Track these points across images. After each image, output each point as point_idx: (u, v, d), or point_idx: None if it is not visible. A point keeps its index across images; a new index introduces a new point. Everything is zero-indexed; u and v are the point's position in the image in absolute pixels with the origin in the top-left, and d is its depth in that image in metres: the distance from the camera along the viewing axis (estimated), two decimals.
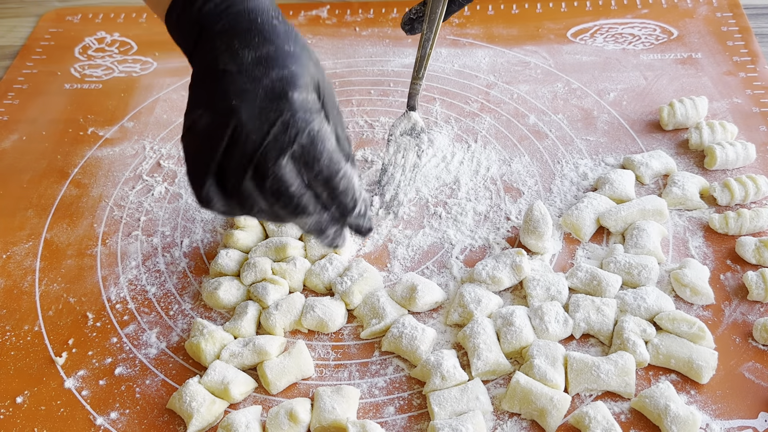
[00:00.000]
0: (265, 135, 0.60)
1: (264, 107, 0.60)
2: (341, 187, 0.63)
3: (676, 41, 1.00)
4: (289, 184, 0.60)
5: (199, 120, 0.62)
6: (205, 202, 0.61)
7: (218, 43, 0.64)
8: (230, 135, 0.60)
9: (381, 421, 0.64)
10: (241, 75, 0.61)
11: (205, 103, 0.62)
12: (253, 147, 0.60)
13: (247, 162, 0.60)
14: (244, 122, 0.60)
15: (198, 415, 0.63)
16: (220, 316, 0.73)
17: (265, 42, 0.63)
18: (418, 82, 0.82)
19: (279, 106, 0.60)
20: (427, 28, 0.80)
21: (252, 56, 0.62)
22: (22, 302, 0.76)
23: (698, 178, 0.80)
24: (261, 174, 0.60)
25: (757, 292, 0.69)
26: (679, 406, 0.61)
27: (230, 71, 0.62)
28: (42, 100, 0.99)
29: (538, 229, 0.73)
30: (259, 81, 0.61)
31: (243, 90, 0.61)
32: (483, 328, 0.67)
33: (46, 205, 0.85)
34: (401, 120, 0.83)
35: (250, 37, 0.63)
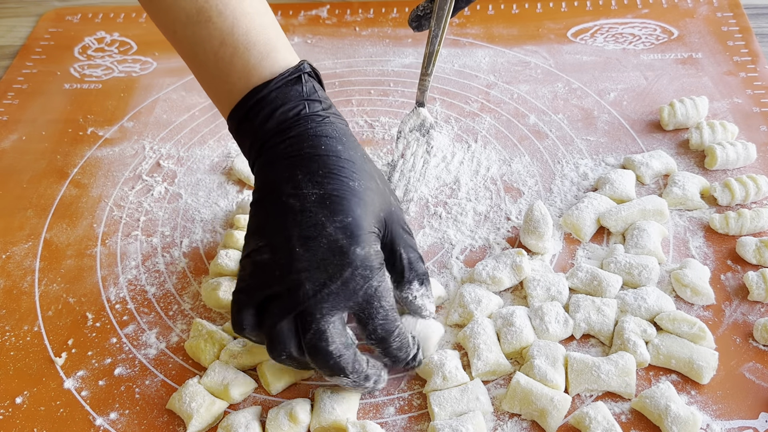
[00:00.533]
0: (320, 289, 0.58)
1: (325, 259, 0.59)
2: (395, 345, 0.62)
3: (677, 41, 1.00)
4: (330, 341, 0.59)
5: (260, 251, 0.61)
6: (238, 328, 0.61)
7: (279, 168, 0.62)
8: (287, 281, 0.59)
9: (381, 422, 0.64)
10: (304, 216, 0.60)
11: (268, 235, 0.61)
12: (305, 297, 0.58)
13: (292, 309, 0.59)
14: (300, 271, 0.59)
15: (198, 415, 0.63)
16: (219, 316, 0.73)
17: (329, 177, 0.61)
18: (427, 78, 0.82)
19: (340, 261, 0.59)
20: (435, 24, 0.80)
21: (316, 194, 0.60)
22: (21, 302, 0.75)
23: (699, 178, 0.79)
24: (304, 324, 0.59)
25: (757, 292, 0.69)
26: (680, 407, 0.60)
27: (293, 208, 0.60)
28: (41, 100, 0.99)
29: (539, 229, 0.73)
30: (322, 228, 0.59)
31: (306, 237, 0.59)
32: (483, 329, 0.67)
33: (46, 205, 0.85)
34: (410, 116, 0.83)
35: (314, 168, 0.61)
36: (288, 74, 0.64)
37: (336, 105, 0.94)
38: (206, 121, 0.94)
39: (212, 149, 0.91)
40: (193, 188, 0.86)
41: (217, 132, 0.93)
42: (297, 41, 1.05)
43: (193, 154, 0.90)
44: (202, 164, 0.89)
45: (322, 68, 1.00)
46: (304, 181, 0.61)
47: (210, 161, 0.89)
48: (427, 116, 0.83)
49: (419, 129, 0.83)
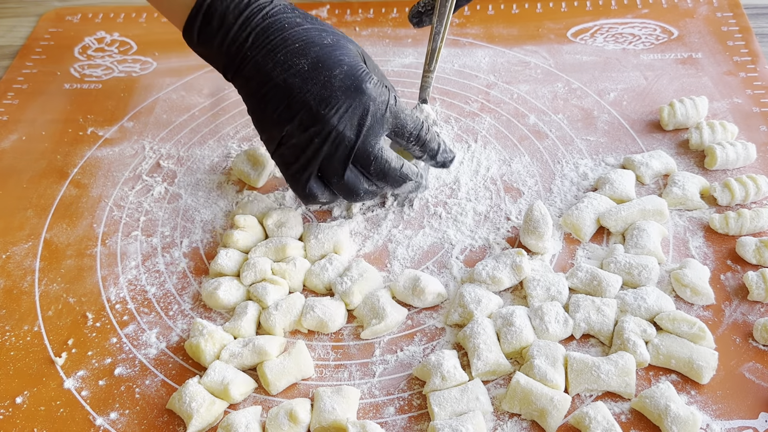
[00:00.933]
0: (359, 130, 0.69)
1: (349, 106, 0.68)
2: (428, 137, 0.74)
3: (677, 41, 1.00)
4: (389, 160, 0.71)
5: (290, 135, 0.69)
6: (311, 198, 0.71)
7: (260, 60, 0.70)
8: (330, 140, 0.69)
9: (381, 422, 0.64)
10: (309, 83, 0.69)
11: (288, 118, 0.69)
12: (351, 143, 0.69)
13: (348, 156, 0.69)
14: (337, 126, 0.68)
15: (198, 415, 0.63)
16: (219, 316, 0.73)
17: (306, 44, 0.70)
18: (430, 74, 0.82)
19: (360, 102, 0.69)
20: (437, 21, 0.81)
21: (307, 63, 0.69)
22: (21, 302, 0.75)
23: (698, 178, 0.79)
24: (364, 162, 0.70)
25: (757, 292, 0.69)
26: (680, 407, 0.61)
27: (295, 84, 0.69)
28: (41, 100, 0.99)
29: (538, 229, 0.73)
30: (330, 84, 0.68)
31: (322, 98, 0.68)
32: (483, 329, 0.67)
33: (46, 205, 0.85)
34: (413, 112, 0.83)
35: (289, 44, 0.70)
36: None
37: None
38: (206, 121, 0.94)
39: (212, 149, 0.91)
40: (193, 188, 0.86)
41: (217, 132, 0.93)
42: None
43: (193, 154, 0.90)
44: (202, 164, 0.89)
45: None
46: (289, 58, 0.69)
47: (210, 161, 0.89)
48: (430, 113, 0.83)
49: None
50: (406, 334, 0.70)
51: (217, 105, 0.96)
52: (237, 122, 0.94)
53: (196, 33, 0.71)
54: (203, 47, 0.73)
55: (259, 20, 0.70)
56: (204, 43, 0.72)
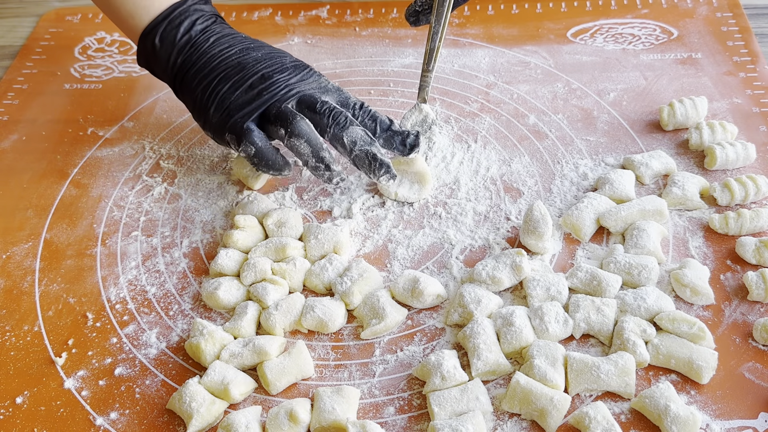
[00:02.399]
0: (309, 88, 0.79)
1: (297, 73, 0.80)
2: (375, 112, 0.79)
3: (676, 41, 1.00)
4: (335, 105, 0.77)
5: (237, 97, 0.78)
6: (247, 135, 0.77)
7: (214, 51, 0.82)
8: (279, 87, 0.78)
9: (381, 422, 0.64)
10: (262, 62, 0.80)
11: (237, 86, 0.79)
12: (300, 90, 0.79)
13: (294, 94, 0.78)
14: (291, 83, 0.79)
15: (198, 415, 0.63)
16: (219, 316, 0.73)
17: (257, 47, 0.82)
18: (429, 74, 0.83)
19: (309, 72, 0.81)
20: (435, 20, 0.81)
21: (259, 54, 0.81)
22: (21, 302, 0.75)
23: (698, 178, 0.80)
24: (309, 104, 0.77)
25: (757, 292, 0.69)
26: (680, 407, 0.61)
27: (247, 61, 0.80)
28: (42, 100, 0.99)
29: (538, 229, 0.73)
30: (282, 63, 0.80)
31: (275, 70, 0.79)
32: (483, 329, 0.67)
33: (46, 206, 0.85)
34: (412, 112, 0.83)
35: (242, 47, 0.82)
36: None
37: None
38: None
39: (212, 149, 0.91)
40: (193, 188, 0.86)
41: None
42: (297, 41, 1.06)
43: (193, 154, 0.90)
44: (201, 164, 0.89)
45: (322, 68, 1.00)
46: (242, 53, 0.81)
47: (210, 161, 0.89)
48: (429, 112, 0.83)
49: (421, 125, 0.84)
50: (406, 334, 0.70)
51: None
52: None
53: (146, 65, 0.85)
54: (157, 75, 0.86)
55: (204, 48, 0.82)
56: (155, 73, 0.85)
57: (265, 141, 0.78)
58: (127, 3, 0.81)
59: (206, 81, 0.79)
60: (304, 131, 0.76)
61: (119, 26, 0.85)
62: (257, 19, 1.10)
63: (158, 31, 0.81)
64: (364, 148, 0.76)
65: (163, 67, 0.83)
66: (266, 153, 0.77)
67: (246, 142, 0.77)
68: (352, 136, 0.76)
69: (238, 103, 0.78)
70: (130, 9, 0.81)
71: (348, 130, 0.76)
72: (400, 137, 0.78)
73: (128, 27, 0.83)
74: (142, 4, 0.81)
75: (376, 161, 0.75)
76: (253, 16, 1.10)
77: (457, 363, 0.65)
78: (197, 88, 0.80)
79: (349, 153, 0.76)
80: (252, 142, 0.77)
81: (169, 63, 0.82)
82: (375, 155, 0.75)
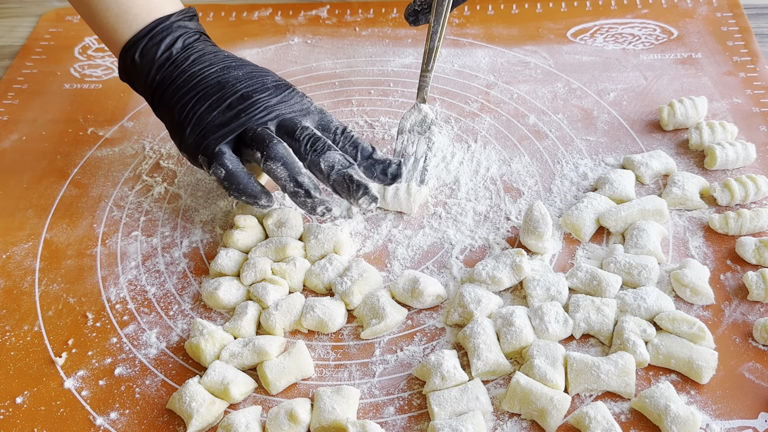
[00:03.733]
0: (289, 111, 0.76)
1: (278, 94, 0.77)
2: (357, 137, 0.77)
3: (676, 41, 1.00)
4: (314, 131, 0.75)
5: (215, 118, 0.76)
6: (218, 158, 0.74)
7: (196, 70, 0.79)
8: (259, 108, 0.76)
9: (381, 422, 0.64)
10: (243, 81, 0.78)
11: (216, 106, 0.77)
12: (281, 113, 0.76)
13: (273, 118, 0.76)
14: (272, 105, 0.76)
15: (198, 415, 0.63)
16: (219, 316, 0.73)
17: (241, 65, 0.80)
18: (428, 74, 0.82)
19: (291, 94, 0.78)
20: (435, 20, 0.80)
21: (241, 73, 0.79)
22: (21, 302, 0.75)
23: (698, 178, 0.80)
24: (289, 129, 0.75)
25: (757, 292, 0.69)
26: (679, 407, 0.61)
27: (228, 80, 0.78)
28: (42, 100, 0.99)
29: (538, 229, 0.73)
30: (264, 82, 0.78)
31: (256, 89, 0.77)
32: (483, 329, 0.67)
33: (46, 205, 0.85)
34: (411, 112, 0.83)
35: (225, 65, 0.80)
36: None
37: (336, 105, 0.95)
38: None
39: None
40: (192, 188, 0.86)
41: None
42: (297, 41, 1.06)
43: None
44: None
45: (322, 68, 1.01)
46: (224, 71, 0.79)
47: None
48: (429, 112, 0.83)
49: (420, 125, 0.83)
50: (406, 334, 0.70)
51: None
52: None
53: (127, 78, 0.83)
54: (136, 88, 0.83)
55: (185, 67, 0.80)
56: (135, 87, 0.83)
57: (237, 164, 0.74)
58: (110, 17, 0.80)
59: (184, 100, 0.77)
60: (281, 154, 0.72)
61: (102, 39, 0.83)
62: (257, 19, 1.10)
63: (139, 47, 0.79)
64: (341, 172, 0.72)
65: (142, 83, 0.80)
66: (237, 176, 0.73)
67: (216, 164, 0.73)
68: (329, 161, 0.73)
69: (214, 124, 0.75)
70: (112, 23, 0.80)
71: (325, 155, 0.73)
72: (381, 166, 0.75)
73: (110, 41, 0.82)
74: (124, 18, 0.79)
75: (353, 183, 0.71)
76: (253, 16, 1.10)
77: (457, 363, 0.65)
78: (175, 106, 0.77)
79: (327, 178, 0.73)
80: (222, 164, 0.73)
81: (148, 79, 0.79)
82: (352, 177, 0.72)
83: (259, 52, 1.04)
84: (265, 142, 0.73)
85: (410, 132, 0.83)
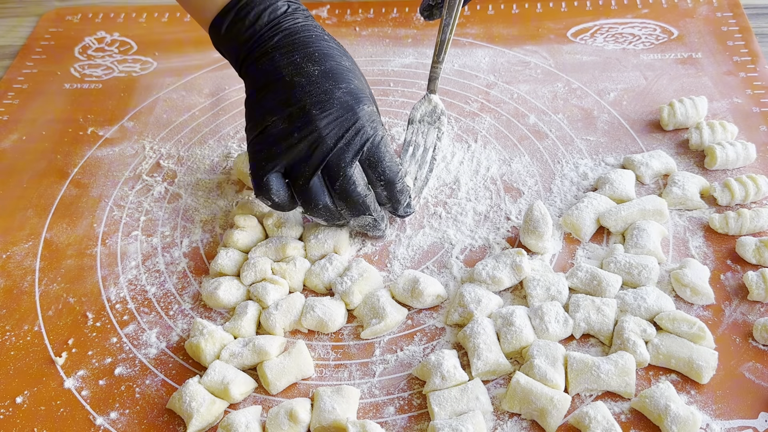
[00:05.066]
0: (339, 140, 0.69)
1: (339, 117, 0.70)
2: (399, 187, 0.74)
3: (676, 41, 1.00)
4: (357, 184, 0.70)
5: (274, 125, 0.70)
6: (264, 190, 0.69)
7: (277, 57, 0.73)
8: (309, 139, 0.69)
9: (381, 421, 0.64)
10: (313, 87, 0.71)
11: (280, 110, 0.71)
12: (328, 150, 0.69)
13: (320, 162, 0.69)
14: (321, 129, 0.69)
15: (198, 415, 0.63)
16: (220, 316, 0.73)
17: (325, 57, 0.73)
18: (438, 65, 0.83)
19: (352, 116, 0.70)
20: (447, 13, 0.81)
21: (318, 71, 0.71)
22: (21, 302, 0.75)
23: (698, 178, 0.80)
24: (332, 175, 0.69)
25: (757, 292, 0.69)
26: (680, 406, 0.61)
27: (300, 83, 0.71)
28: (42, 100, 0.99)
29: (538, 229, 0.73)
30: (332, 93, 0.70)
31: (319, 102, 0.70)
32: (483, 328, 0.67)
33: (46, 205, 0.85)
34: (422, 103, 0.84)
35: (310, 52, 0.73)
36: None
37: None
38: (206, 121, 0.94)
39: (212, 149, 0.91)
40: (193, 188, 0.86)
41: (217, 132, 0.93)
42: None
43: (193, 154, 0.90)
44: (202, 164, 0.89)
45: None
46: (303, 62, 0.72)
47: (210, 161, 0.89)
48: (438, 103, 0.83)
49: (430, 116, 0.84)
50: (406, 334, 0.70)
51: (217, 105, 0.96)
52: (237, 122, 0.94)
53: (226, 25, 0.75)
54: (227, 39, 0.76)
55: (290, 25, 0.74)
56: (230, 36, 0.75)
57: (283, 196, 0.71)
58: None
59: (252, 98, 0.73)
60: (321, 213, 0.72)
61: (193, 17, 0.80)
62: None
63: (224, 22, 0.75)
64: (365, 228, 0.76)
65: (233, 63, 0.78)
66: (282, 207, 0.72)
67: (262, 197, 0.71)
68: (359, 222, 0.75)
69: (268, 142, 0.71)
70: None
71: (358, 219, 0.74)
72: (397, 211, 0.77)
73: (199, 19, 0.79)
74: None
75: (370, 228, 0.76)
76: None
77: (457, 363, 0.65)
78: (247, 100, 0.74)
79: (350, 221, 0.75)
80: (268, 198, 0.71)
81: (236, 58, 0.76)
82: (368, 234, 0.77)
83: None
84: (310, 203, 0.71)
85: (420, 122, 0.84)
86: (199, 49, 1.05)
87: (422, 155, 0.83)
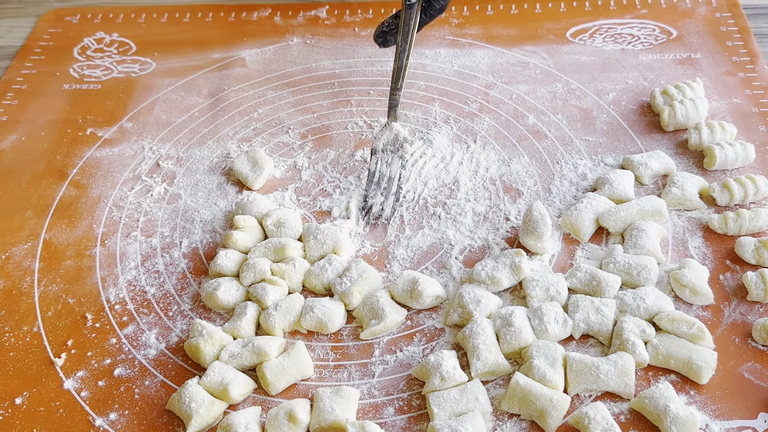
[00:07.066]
0: None
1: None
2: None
3: (676, 41, 1.00)
4: None
5: None
6: None
7: None
8: None
9: (380, 422, 0.64)
10: None
11: None
12: None
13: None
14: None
15: (197, 416, 0.63)
16: (219, 316, 0.73)
17: None
18: (398, 93, 0.84)
19: None
20: (402, 39, 0.82)
21: None
22: (21, 303, 0.75)
23: (697, 179, 0.80)
24: None
25: (756, 292, 0.69)
26: (679, 407, 0.61)
27: None
28: (41, 101, 0.99)
29: (538, 229, 0.73)
30: None
31: None
32: (482, 329, 0.67)
33: (45, 206, 0.85)
34: (383, 132, 0.84)
35: None
36: None
37: (335, 105, 0.95)
38: (205, 121, 0.94)
39: (211, 150, 0.91)
40: (192, 189, 0.86)
41: (217, 132, 0.93)
42: (296, 41, 1.05)
43: (192, 155, 0.90)
44: (201, 165, 0.89)
45: (321, 68, 1.01)
46: None
47: (209, 162, 0.89)
48: (400, 131, 0.84)
49: (393, 144, 0.84)
50: (406, 335, 0.70)
51: (217, 105, 0.96)
52: (236, 123, 0.94)
53: None
54: None
55: None
56: None
57: None
58: None
59: None
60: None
61: None
62: (256, 20, 1.10)
63: None
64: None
65: None
66: None
67: None
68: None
69: None
70: None
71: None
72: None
73: None
74: None
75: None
76: (252, 16, 1.10)
77: (456, 363, 0.65)
78: None
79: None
80: None
81: None
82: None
83: (258, 52, 1.04)
84: None
85: (383, 152, 0.84)
86: (198, 49, 1.05)
87: (388, 184, 0.82)
